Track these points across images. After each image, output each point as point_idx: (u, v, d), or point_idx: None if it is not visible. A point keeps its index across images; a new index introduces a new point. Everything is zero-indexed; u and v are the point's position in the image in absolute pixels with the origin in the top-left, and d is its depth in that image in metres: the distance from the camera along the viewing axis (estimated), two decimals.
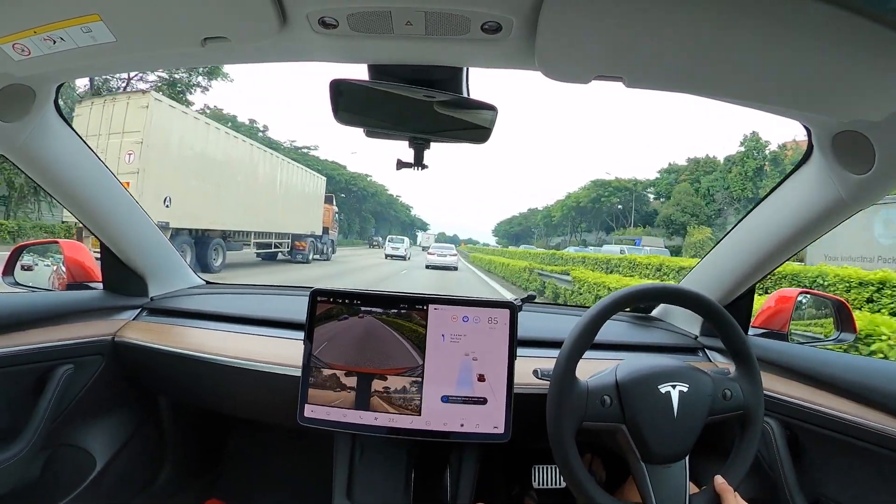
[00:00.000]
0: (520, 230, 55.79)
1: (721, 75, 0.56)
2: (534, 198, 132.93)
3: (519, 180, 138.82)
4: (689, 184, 37.19)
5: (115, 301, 1.12)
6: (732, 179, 33.43)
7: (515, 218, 63.33)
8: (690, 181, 37.50)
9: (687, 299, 0.78)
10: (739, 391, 0.73)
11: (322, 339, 0.87)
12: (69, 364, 0.96)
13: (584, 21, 0.50)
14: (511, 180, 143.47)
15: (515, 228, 63.00)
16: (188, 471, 1.32)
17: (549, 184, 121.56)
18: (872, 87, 0.53)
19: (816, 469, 0.83)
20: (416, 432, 0.84)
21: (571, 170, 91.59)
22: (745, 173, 32.88)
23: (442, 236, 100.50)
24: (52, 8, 0.53)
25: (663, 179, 42.43)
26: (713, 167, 37.00)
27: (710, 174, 36.51)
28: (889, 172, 0.66)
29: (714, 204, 35.43)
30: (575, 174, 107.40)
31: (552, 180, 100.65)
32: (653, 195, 44.26)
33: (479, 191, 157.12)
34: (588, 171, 43.29)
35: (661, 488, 0.69)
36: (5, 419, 0.89)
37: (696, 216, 34.39)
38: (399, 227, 69.19)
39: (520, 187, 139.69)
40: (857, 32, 0.45)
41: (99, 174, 0.97)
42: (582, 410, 0.70)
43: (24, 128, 0.78)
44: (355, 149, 67.26)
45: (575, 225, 48.83)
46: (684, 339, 1.12)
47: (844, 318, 1.09)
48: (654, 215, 39.15)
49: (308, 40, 0.59)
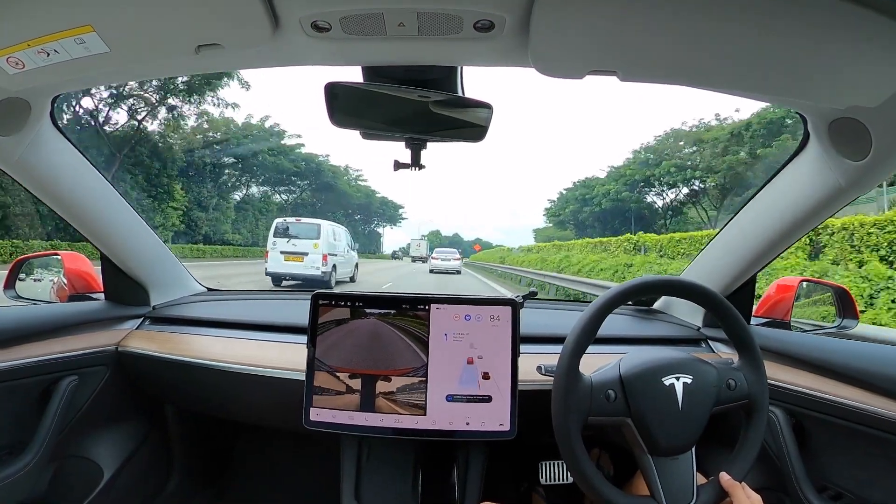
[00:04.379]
0: (592, 215, 32.70)
1: (715, 66, 0.56)
2: (534, 197, 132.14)
3: (519, 177, 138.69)
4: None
5: (118, 311, 1.12)
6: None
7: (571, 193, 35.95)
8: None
9: (688, 291, 0.78)
10: (744, 380, 0.73)
11: (325, 343, 0.87)
12: (74, 375, 0.97)
13: (577, 16, 0.50)
14: (511, 178, 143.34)
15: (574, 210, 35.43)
16: (196, 479, 1.32)
17: (547, 181, 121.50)
18: (867, 73, 0.53)
19: (823, 456, 0.84)
20: (422, 432, 0.84)
21: (573, 163, 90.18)
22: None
23: (434, 238, 77.01)
24: (45, 20, 0.53)
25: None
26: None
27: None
28: (886, 158, 0.66)
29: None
30: (580, 165, 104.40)
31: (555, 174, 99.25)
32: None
33: (477, 188, 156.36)
34: (597, 161, 41.60)
35: (669, 480, 0.69)
36: (12, 432, 0.89)
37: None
38: (349, 211, 41.81)
39: (521, 184, 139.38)
40: (850, 19, 0.45)
41: (97, 185, 0.97)
42: (587, 406, 0.70)
43: (20, 141, 0.78)
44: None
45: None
46: (687, 330, 1.12)
47: (846, 305, 1.09)
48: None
49: (301, 44, 0.59)
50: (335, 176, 38.27)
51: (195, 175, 23.43)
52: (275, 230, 9.97)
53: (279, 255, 9.66)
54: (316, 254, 9.63)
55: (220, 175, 26.43)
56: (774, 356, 0.91)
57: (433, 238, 75.09)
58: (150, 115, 20.29)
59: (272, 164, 29.88)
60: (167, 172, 20.08)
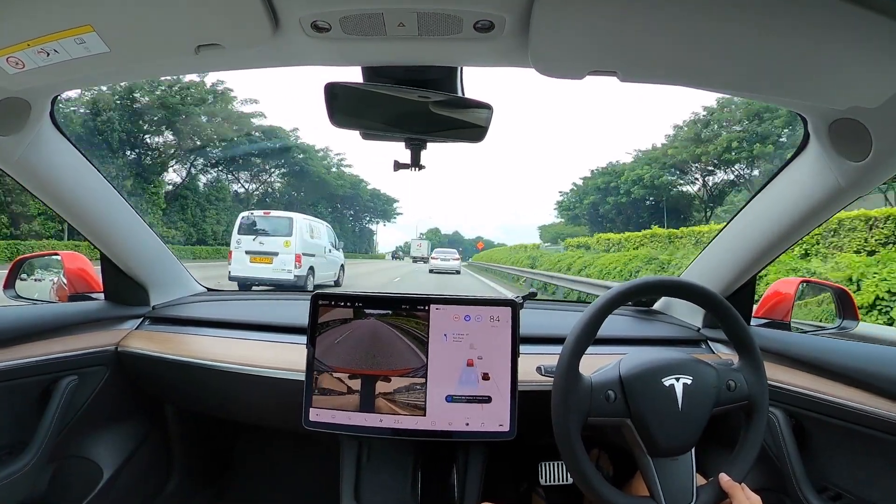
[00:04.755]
0: (616, 206, 28.23)
1: (715, 66, 0.56)
2: (536, 195, 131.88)
3: (521, 176, 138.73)
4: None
5: (117, 311, 1.12)
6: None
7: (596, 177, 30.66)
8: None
9: (688, 292, 0.78)
10: (744, 381, 0.73)
11: (325, 343, 0.87)
12: (73, 375, 0.97)
13: (577, 17, 0.50)
14: (512, 177, 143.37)
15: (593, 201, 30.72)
16: (196, 479, 1.32)
17: (550, 180, 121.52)
18: (867, 73, 0.53)
19: (822, 457, 0.84)
20: (422, 433, 0.84)
21: (575, 162, 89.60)
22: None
23: (433, 236, 75.40)
24: (45, 20, 0.53)
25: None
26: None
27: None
28: (886, 158, 0.66)
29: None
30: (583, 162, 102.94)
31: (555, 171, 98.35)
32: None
33: (477, 187, 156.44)
34: (597, 158, 40.12)
35: (668, 481, 0.69)
36: (12, 432, 0.89)
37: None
38: (336, 205, 35.36)
39: (523, 183, 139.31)
40: (850, 19, 0.45)
41: (97, 185, 0.97)
42: (587, 406, 0.70)
43: (20, 141, 0.78)
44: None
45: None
46: (687, 331, 1.12)
47: (846, 306, 1.09)
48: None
49: (301, 44, 0.59)
50: (308, 158, 28.75)
51: (103, 146, 16.92)
52: (239, 226, 8.37)
53: (244, 256, 8.05)
54: (287, 253, 8.05)
55: (139, 148, 19.69)
56: (774, 357, 0.91)
57: (432, 236, 72.13)
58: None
59: (217, 136, 22.00)
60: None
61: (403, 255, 47.61)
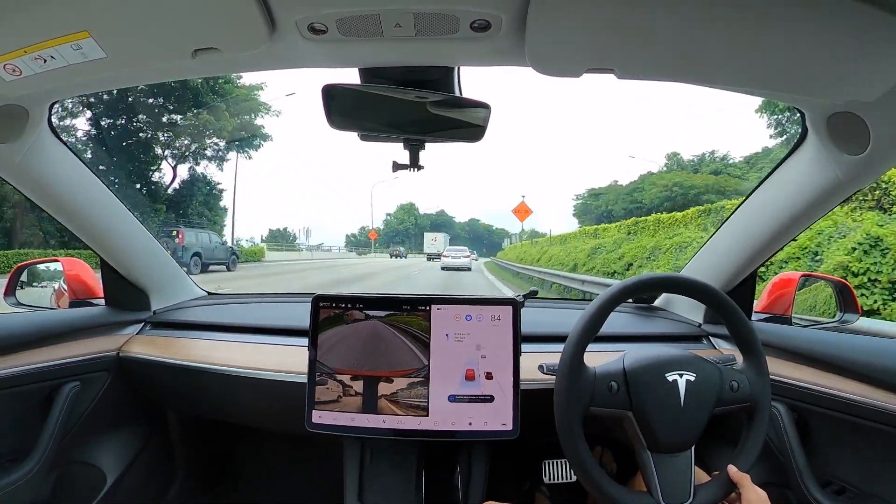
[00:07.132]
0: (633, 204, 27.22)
1: (712, 62, 0.56)
2: (538, 194, 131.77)
3: (520, 171, 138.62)
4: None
5: (118, 316, 1.12)
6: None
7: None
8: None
9: (689, 288, 0.78)
10: (747, 382, 0.73)
11: (326, 345, 0.87)
12: (75, 381, 0.97)
13: (573, 15, 0.50)
14: (518, 176, 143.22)
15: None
16: (199, 483, 1.32)
17: (554, 179, 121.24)
18: (864, 67, 0.53)
19: (826, 451, 0.84)
20: (425, 433, 0.84)
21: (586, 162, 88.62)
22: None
23: (445, 224, 71.53)
24: (41, 27, 0.53)
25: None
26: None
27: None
28: (884, 151, 0.66)
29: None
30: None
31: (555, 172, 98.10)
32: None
33: (477, 187, 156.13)
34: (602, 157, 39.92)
35: (666, 477, 0.69)
36: (15, 439, 0.89)
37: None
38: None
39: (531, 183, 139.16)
40: (848, 13, 0.45)
41: (96, 190, 0.97)
42: (589, 395, 0.70)
43: (19, 148, 0.78)
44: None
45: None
46: (688, 327, 1.12)
47: (847, 299, 1.09)
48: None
49: (298, 47, 0.59)
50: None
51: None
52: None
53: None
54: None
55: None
56: (776, 351, 0.91)
57: (404, 215, 64.30)
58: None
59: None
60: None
61: (405, 253, 41.76)
